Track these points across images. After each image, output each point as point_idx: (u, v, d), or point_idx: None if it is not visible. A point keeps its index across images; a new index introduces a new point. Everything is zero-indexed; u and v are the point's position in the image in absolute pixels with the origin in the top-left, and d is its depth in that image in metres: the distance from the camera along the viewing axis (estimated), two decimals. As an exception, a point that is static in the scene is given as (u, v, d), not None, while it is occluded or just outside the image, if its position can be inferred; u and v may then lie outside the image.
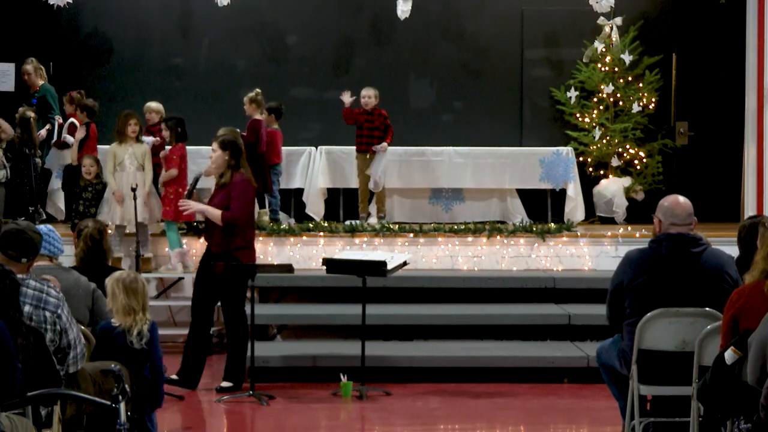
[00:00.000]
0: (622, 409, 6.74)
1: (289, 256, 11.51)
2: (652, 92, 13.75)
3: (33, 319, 5.55)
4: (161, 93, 13.42)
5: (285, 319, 10.75)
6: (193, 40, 14.16)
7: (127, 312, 6.53)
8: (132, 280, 6.59)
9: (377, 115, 12.23)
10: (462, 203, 13.04)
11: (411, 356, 9.78)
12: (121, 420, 5.01)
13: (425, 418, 8.53)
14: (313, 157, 12.97)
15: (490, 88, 14.22)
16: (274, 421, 8.42)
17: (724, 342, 5.64)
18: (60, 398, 5.48)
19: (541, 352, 9.91)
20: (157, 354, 6.67)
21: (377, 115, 12.23)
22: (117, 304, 6.54)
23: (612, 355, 6.71)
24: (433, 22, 14.04)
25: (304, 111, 13.97)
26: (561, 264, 11.75)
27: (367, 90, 12.26)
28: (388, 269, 9.01)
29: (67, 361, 5.71)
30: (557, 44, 14.19)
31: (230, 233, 8.98)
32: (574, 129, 13.83)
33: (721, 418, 5.80)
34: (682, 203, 6.53)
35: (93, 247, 7.66)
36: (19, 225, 5.68)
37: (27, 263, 5.66)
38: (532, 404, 8.91)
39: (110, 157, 11.35)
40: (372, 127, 12.18)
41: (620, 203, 13.42)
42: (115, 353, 6.42)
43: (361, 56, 14.24)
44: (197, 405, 8.93)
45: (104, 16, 14.02)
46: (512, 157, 13.04)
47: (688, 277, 6.39)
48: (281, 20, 14.17)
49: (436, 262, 11.71)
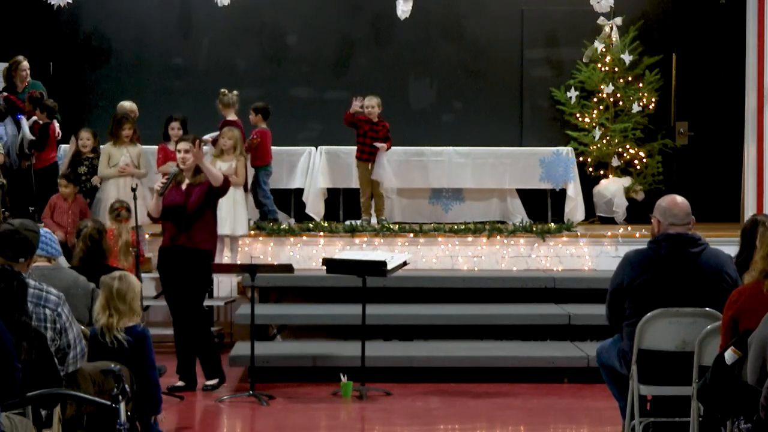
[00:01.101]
0: (622, 409, 6.74)
1: (289, 256, 11.52)
2: (652, 92, 13.75)
3: (33, 317, 5.54)
4: (161, 93, 13.43)
5: (285, 319, 10.75)
6: (193, 40, 14.17)
7: (103, 310, 6.56)
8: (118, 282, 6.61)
9: (381, 126, 12.21)
10: (462, 203, 13.04)
11: (411, 356, 9.78)
12: (121, 420, 5.01)
13: (425, 418, 8.52)
14: (313, 157, 12.96)
15: (490, 88, 14.23)
16: (274, 421, 8.42)
17: (724, 342, 5.64)
18: (60, 398, 5.48)
19: (541, 352, 9.91)
20: (149, 359, 6.66)
21: (381, 126, 12.20)
22: (98, 302, 6.60)
23: (612, 355, 6.71)
24: (433, 22, 14.04)
25: (304, 111, 13.98)
26: (561, 264, 11.75)
27: (370, 99, 12.21)
28: (388, 269, 9.01)
29: (67, 360, 5.71)
30: (557, 44, 14.19)
31: (209, 229, 9.03)
32: (574, 129, 13.83)
33: (721, 418, 5.80)
34: (680, 203, 6.53)
35: (92, 246, 7.67)
36: (13, 224, 5.67)
37: (25, 262, 5.65)
38: (532, 404, 8.91)
39: (104, 156, 11.41)
40: (375, 137, 12.14)
41: (620, 203, 13.42)
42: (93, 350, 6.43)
43: (361, 56, 14.24)
44: (197, 405, 8.93)
45: (104, 16, 14.03)
46: (512, 157, 13.04)
47: (688, 277, 6.39)
48: (281, 20, 14.17)
49: (436, 262, 11.71)
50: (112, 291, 6.58)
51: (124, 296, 6.58)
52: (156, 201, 9.01)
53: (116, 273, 6.76)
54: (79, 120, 12.54)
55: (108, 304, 6.57)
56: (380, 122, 12.21)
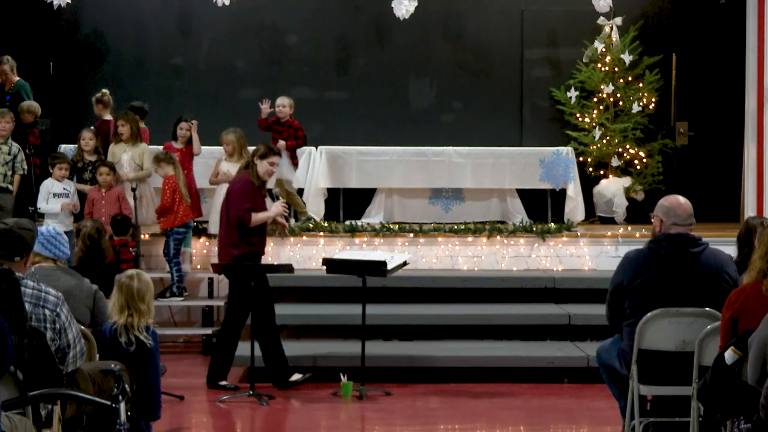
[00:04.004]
0: (622, 409, 6.74)
1: (289, 256, 11.52)
2: (652, 92, 13.75)
3: (32, 317, 5.54)
4: (161, 93, 13.44)
5: (285, 319, 10.72)
6: (193, 40, 14.17)
7: (122, 310, 6.55)
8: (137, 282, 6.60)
9: (287, 126, 12.12)
10: (462, 203, 13.04)
11: (411, 356, 9.78)
12: (121, 420, 5.01)
13: (425, 418, 8.52)
14: (313, 157, 12.96)
15: (490, 88, 14.23)
16: (274, 421, 8.42)
17: (723, 342, 5.64)
18: (60, 398, 5.48)
19: (541, 352, 9.91)
20: (155, 362, 6.66)
21: (287, 127, 12.11)
22: (112, 301, 6.59)
23: (612, 355, 6.71)
24: (433, 22, 14.04)
25: (304, 111, 13.97)
26: (561, 264, 11.75)
27: (281, 99, 12.18)
28: (388, 269, 9.01)
29: (66, 360, 5.71)
30: (557, 44, 14.19)
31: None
32: (574, 129, 13.83)
33: (721, 418, 5.80)
34: (683, 204, 6.53)
35: (91, 246, 7.66)
36: (7, 223, 5.66)
37: (21, 261, 5.64)
38: (532, 404, 8.91)
39: (110, 156, 11.49)
40: (280, 137, 12.06)
41: (620, 203, 13.42)
42: (104, 350, 6.43)
43: (361, 56, 14.24)
44: (197, 405, 8.93)
45: (104, 16, 14.03)
46: (512, 157, 13.03)
47: (688, 277, 6.39)
48: (281, 20, 14.17)
49: (436, 262, 11.71)
50: (132, 291, 6.56)
51: (143, 296, 6.59)
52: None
53: (131, 272, 6.73)
54: (79, 120, 12.53)
55: (128, 304, 6.55)
56: (288, 122, 12.12)
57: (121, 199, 11.06)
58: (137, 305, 6.56)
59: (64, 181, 11.14)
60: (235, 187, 9.26)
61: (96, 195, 11.08)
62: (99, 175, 11.11)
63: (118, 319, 6.54)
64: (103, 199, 11.04)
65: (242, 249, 9.14)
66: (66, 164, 11.17)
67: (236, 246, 9.14)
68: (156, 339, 6.67)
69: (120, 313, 6.55)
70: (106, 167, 11.12)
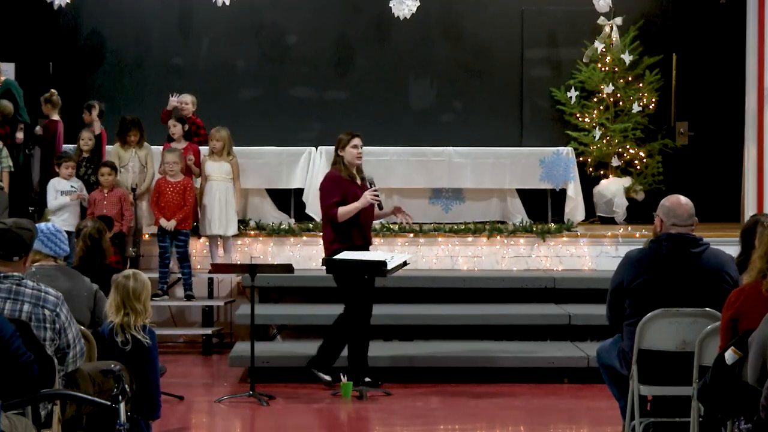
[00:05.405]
0: (622, 409, 6.74)
1: (289, 256, 11.52)
2: (652, 92, 13.75)
3: (32, 317, 5.54)
4: (161, 93, 13.41)
5: (285, 319, 10.75)
6: (193, 40, 14.17)
7: (118, 310, 6.55)
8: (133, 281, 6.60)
9: (190, 123, 12.06)
10: (462, 203, 13.03)
11: (411, 356, 9.78)
12: (121, 420, 5.00)
13: (425, 418, 8.52)
14: (313, 157, 12.95)
15: (490, 88, 14.22)
16: (274, 421, 8.42)
17: (723, 342, 5.64)
18: (60, 398, 5.47)
19: (541, 352, 9.91)
20: (154, 362, 6.65)
21: (190, 123, 12.05)
22: (109, 301, 6.59)
23: (612, 355, 6.70)
24: (433, 22, 14.04)
25: (304, 111, 13.98)
26: (561, 264, 11.75)
27: (184, 96, 12.18)
28: (388, 269, 9.00)
29: (66, 360, 5.71)
30: (557, 44, 14.19)
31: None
32: (574, 129, 13.83)
33: (721, 418, 5.80)
34: (684, 204, 6.52)
35: (92, 246, 7.65)
36: (6, 223, 5.66)
37: (20, 260, 5.64)
38: (532, 404, 8.91)
39: (114, 158, 11.49)
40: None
41: (620, 203, 13.42)
42: (102, 350, 6.42)
43: (361, 56, 14.24)
44: (197, 405, 8.93)
45: (104, 16, 14.02)
46: (512, 157, 13.02)
47: (689, 277, 6.39)
48: (281, 20, 14.16)
49: (436, 262, 11.71)
50: (129, 290, 6.56)
51: (139, 295, 6.59)
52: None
53: (128, 272, 6.73)
54: (78, 120, 12.50)
55: (124, 303, 6.55)
56: (190, 119, 12.04)
57: (123, 200, 11.06)
58: (133, 304, 6.55)
59: (71, 179, 11.15)
60: (322, 183, 9.40)
61: (98, 196, 11.08)
62: (101, 176, 11.10)
63: (114, 319, 6.55)
64: (105, 200, 11.04)
65: (339, 243, 9.16)
66: (72, 162, 11.19)
67: (333, 241, 9.20)
68: (154, 338, 6.66)
69: (116, 312, 6.56)
70: (107, 167, 11.12)
